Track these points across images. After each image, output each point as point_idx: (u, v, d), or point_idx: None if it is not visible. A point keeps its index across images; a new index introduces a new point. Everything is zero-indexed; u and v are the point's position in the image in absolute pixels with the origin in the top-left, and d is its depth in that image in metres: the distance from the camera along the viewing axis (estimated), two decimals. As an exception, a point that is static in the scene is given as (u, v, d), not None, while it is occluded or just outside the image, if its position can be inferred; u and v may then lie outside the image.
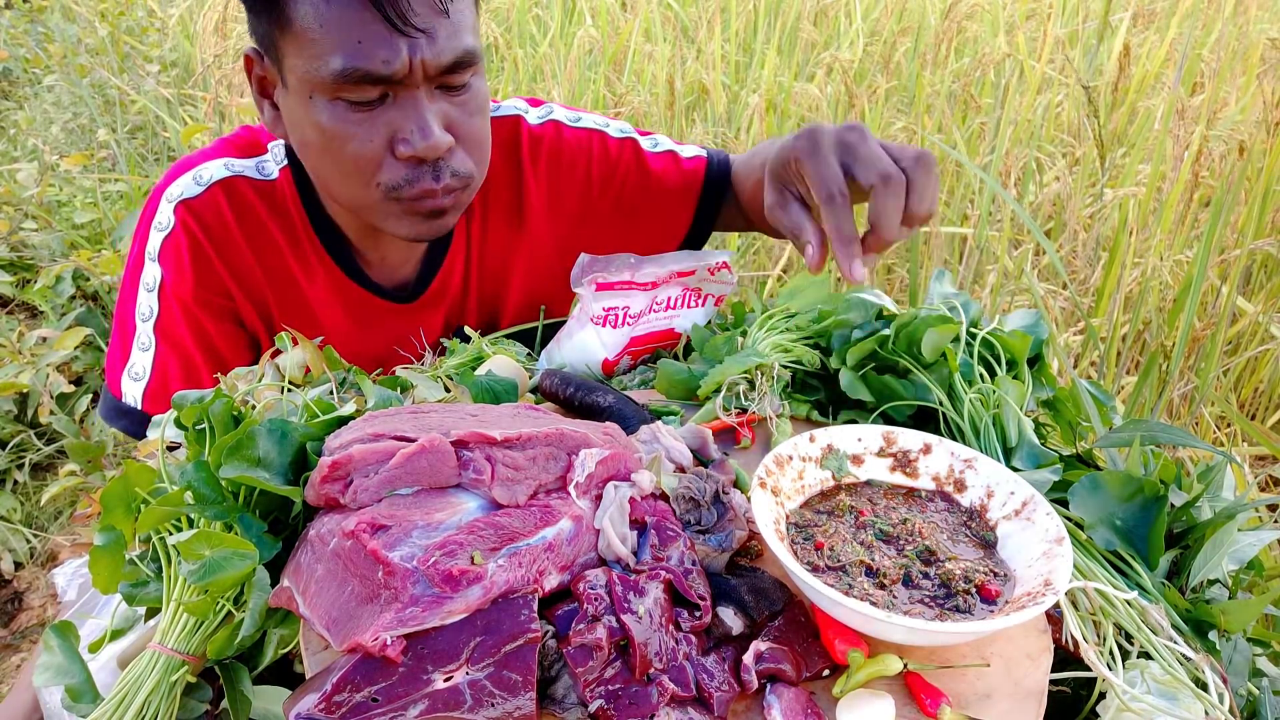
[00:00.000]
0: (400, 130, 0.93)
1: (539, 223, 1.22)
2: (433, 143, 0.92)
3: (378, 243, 1.14)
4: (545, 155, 1.20)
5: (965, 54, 3.19)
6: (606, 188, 1.23)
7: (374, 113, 0.93)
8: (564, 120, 1.23)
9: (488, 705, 0.57)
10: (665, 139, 1.28)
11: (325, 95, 0.92)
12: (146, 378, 1.10)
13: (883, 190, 0.77)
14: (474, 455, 0.69)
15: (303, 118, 0.95)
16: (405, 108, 0.92)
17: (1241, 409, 2.34)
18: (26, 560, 2.17)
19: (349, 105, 0.92)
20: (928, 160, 0.79)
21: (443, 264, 1.18)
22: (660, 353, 1.12)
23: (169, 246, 1.08)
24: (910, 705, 0.64)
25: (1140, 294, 2.19)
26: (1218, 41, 2.92)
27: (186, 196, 1.08)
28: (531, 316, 1.24)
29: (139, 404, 1.10)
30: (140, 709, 0.63)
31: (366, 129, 0.93)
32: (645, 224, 1.26)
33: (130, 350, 1.11)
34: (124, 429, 1.12)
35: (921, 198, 0.78)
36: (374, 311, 1.17)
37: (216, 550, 0.64)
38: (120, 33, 3.89)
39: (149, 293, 1.10)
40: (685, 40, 3.41)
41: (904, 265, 2.68)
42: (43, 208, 2.91)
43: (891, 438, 0.82)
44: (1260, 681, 0.71)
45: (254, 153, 1.12)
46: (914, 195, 0.78)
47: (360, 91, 0.91)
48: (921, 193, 0.78)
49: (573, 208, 1.23)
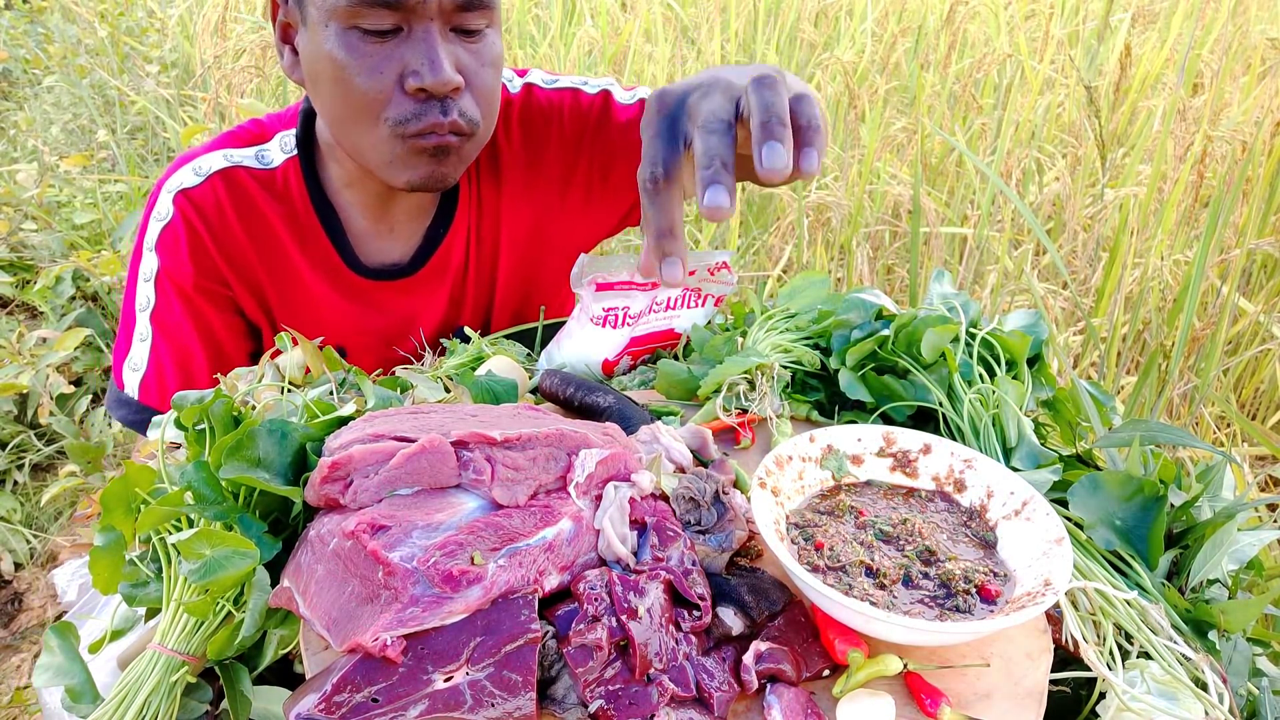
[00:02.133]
0: (411, 64, 0.94)
1: (516, 187, 1.21)
2: (443, 77, 0.93)
3: (386, 212, 1.14)
4: (516, 120, 1.20)
5: (966, 54, 3.19)
6: (580, 144, 1.21)
7: (387, 45, 0.94)
8: (538, 83, 1.22)
9: (488, 705, 0.57)
10: (645, 89, 1.24)
11: (341, 22, 0.93)
12: (143, 368, 1.11)
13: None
14: (474, 455, 0.69)
15: (317, 51, 0.96)
16: (418, 42, 0.94)
17: (1241, 409, 2.35)
18: (26, 561, 2.17)
19: (363, 35, 0.93)
20: (769, 79, 0.58)
21: (445, 237, 1.18)
22: (660, 353, 1.12)
23: (167, 236, 1.09)
24: (910, 705, 0.64)
25: (1140, 294, 2.19)
26: (1218, 42, 2.92)
27: (185, 186, 1.09)
28: (521, 291, 1.24)
29: (136, 394, 1.11)
30: (140, 709, 0.63)
31: (378, 60, 0.94)
32: (620, 182, 1.22)
33: (131, 341, 1.12)
34: (122, 419, 1.13)
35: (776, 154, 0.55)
36: (373, 293, 1.17)
37: (217, 549, 0.64)
38: (120, 33, 3.90)
39: (146, 282, 1.11)
40: (685, 40, 3.41)
41: (904, 265, 2.68)
42: (43, 208, 2.91)
43: (891, 438, 0.82)
44: (1260, 681, 0.71)
45: (256, 142, 1.13)
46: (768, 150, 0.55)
47: (375, 17, 0.92)
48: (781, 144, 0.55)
49: (554, 170, 1.21)
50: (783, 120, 0.56)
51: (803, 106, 0.59)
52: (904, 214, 2.68)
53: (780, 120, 0.56)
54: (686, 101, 0.61)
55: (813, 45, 3.37)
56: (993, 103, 2.91)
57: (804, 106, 0.59)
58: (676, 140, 0.61)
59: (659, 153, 0.61)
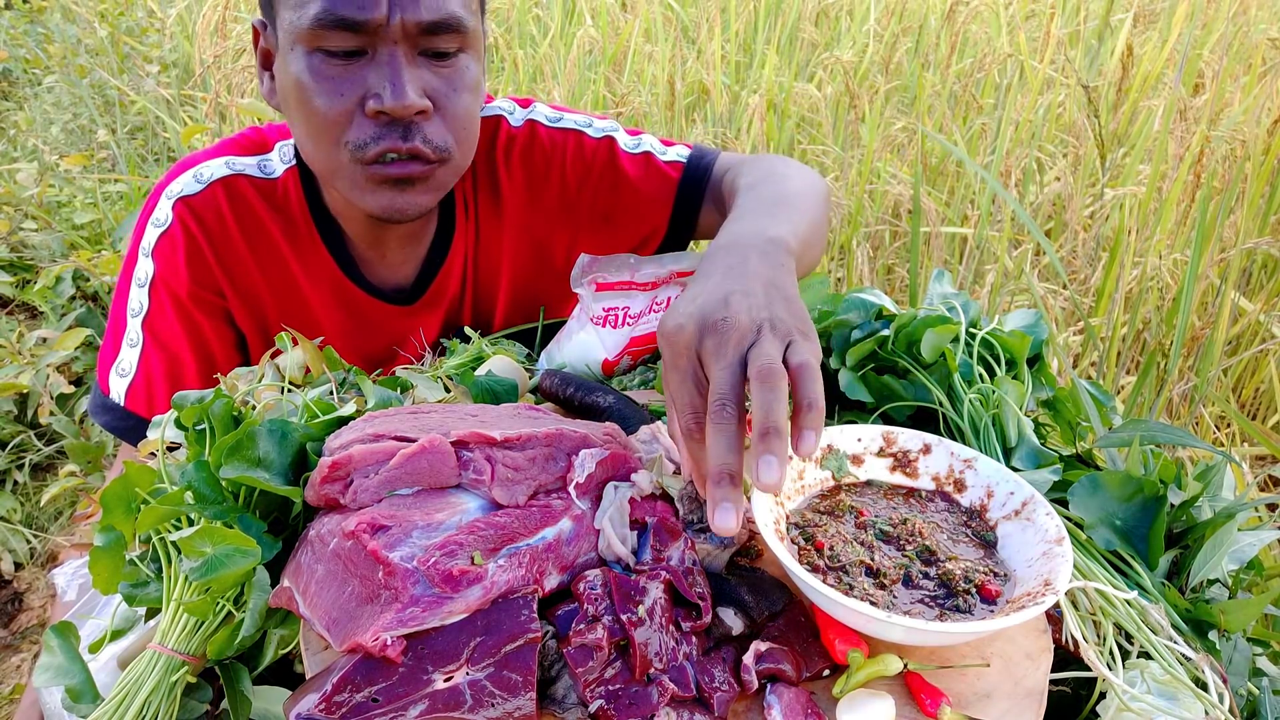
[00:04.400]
0: (373, 86, 0.92)
1: (517, 222, 1.20)
2: (403, 101, 0.91)
3: (379, 238, 1.14)
4: (518, 155, 1.18)
5: (966, 54, 3.19)
6: (582, 188, 1.20)
7: (351, 67, 0.92)
8: (542, 120, 1.20)
9: (488, 705, 0.57)
10: (651, 139, 1.23)
11: (305, 45, 0.92)
12: (132, 374, 1.09)
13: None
14: (474, 455, 0.69)
15: (285, 75, 0.95)
16: (381, 65, 0.92)
17: (1241, 409, 2.35)
18: (26, 560, 2.17)
19: (326, 57, 0.92)
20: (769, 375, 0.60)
21: (442, 266, 1.18)
22: (660, 353, 1.12)
23: (164, 242, 1.08)
24: (910, 705, 0.64)
25: (1140, 294, 2.19)
26: (1219, 42, 2.92)
27: (186, 193, 1.08)
28: (519, 318, 1.23)
29: (123, 400, 1.09)
30: (140, 709, 0.63)
31: (339, 83, 0.93)
32: (621, 227, 1.22)
33: (120, 346, 1.10)
34: (106, 424, 1.12)
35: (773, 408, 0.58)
36: (373, 312, 1.17)
37: (218, 547, 0.64)
38: (120, 33, 3.90)
39: (140, 288, 1.09)
40: (685, 40, 3.41)
41: (904, 265, 2.68)
42: (43, 208, 2.91)
43: (891, 438, 0.82)
44: (1260, 681, 0.71)
45: (258, 151, 1.12)
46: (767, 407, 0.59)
47: (338, 39, 0.91)
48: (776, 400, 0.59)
49: (552, 205, 1.20)
50: (779, 429, 0.58)
51: (805, 386, 0.61)
52: (904, 214, 2.68)
53: (777, 430, 0.58)
54: (699, 350, 0.64)
55: (813, 45, 3.37)
56: (993, 102, 2.91)
57: (806, 386, 0.61)
58: (703, 386, 0.65)
59: (696, 401, 0.64)
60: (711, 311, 0.65)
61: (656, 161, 1.20)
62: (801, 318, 0.66)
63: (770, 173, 1.02)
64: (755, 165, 1.09)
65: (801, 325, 0.65)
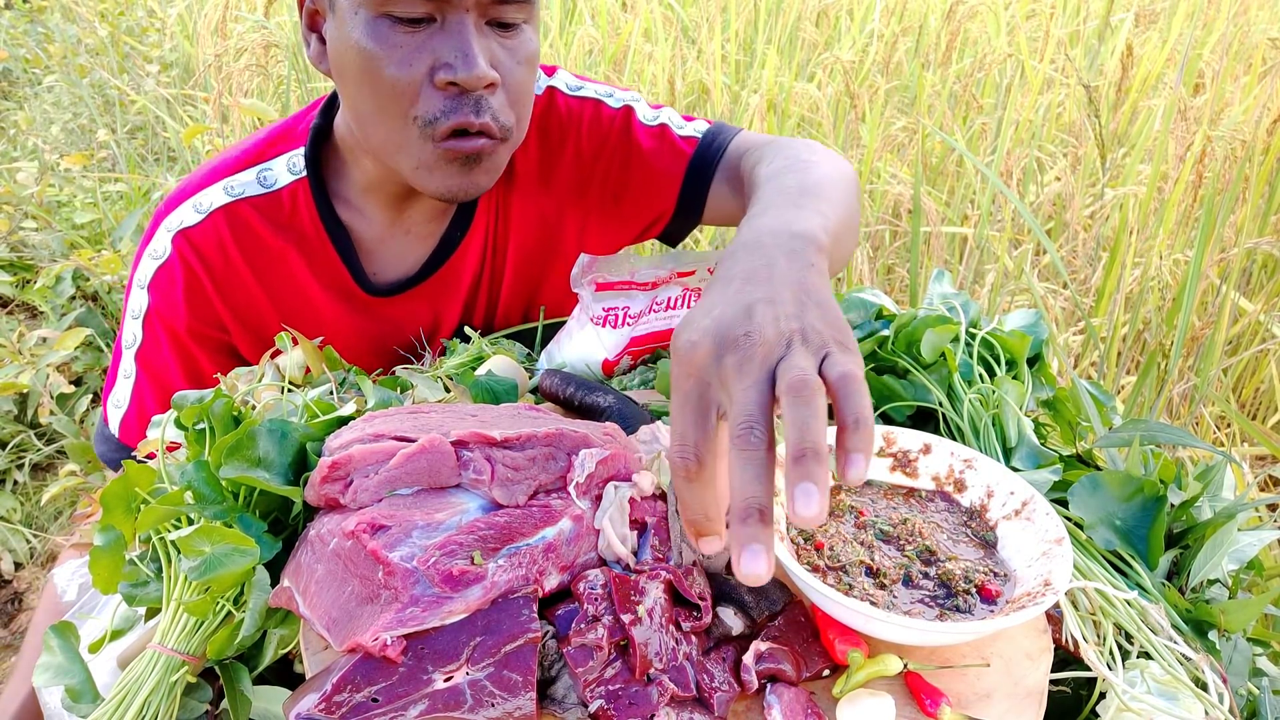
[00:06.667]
0: (443, 56, 0.88)
1: (528, 197, 1.15)
2: (477, 71, 0.87)
3: (404, 214, 1.09)
4: (534, 125, 1.13)
5: (966, 54, 3.19)
6: (597, 160, 1.14)
7: (419, 35, 0.88)
8: (562, 87, 1.15)
9: (488, 705, 0.57)
10: (670, 112, 1.16)
11: (371, 9, 0.88)
12: (125, 407, 1.08)
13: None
14: (474, 455, 0.69)
15: (345, 40, 0.90)
16: (451, 34, 0.88)
17: (1241, 409, 2.35)
18: (26, 560, 2.17)
19: (394, 23, 0.88)
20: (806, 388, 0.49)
21: (460, 243, 1.14)
22: (660, 353, 1.12)
23: (162, 276, 1.05)
24: (910, 705, 0.64)
25: (1140, 293, 2.19)
26: (1219, 42, 2.92)
27: (185, 226, 1.04)
28: (524, 300, 1.21)
29: (117, 432, 1.08)
30: (140, 709, 0.63)
31: (408, 51, 0.88)
32: (629, 207, 1.16)
33: (116, 378, 1.09)
34: (102, 455, 1.10)
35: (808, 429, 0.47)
36: (384, 308, 1.14)
37: (218, 546, 0.64)
38: (120, 33, 3.90)
39: (134, 320, 1.07)
40: (685, 40, 3.41)
41: (904, 265, 2.68)
42: (43, 208, 2.91)
43: (891, 438, 0.82)
44: (1260, 681, 0.71)
45: (256, 161, 1.07)
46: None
47: (407, 4, 0.87)
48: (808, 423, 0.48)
49: (567, 178, 1.15)
50: (819, 451, 0.47)
51: (849, 400, 0.49)
52: (904, 213, 2.68)
53: (816, 452, 0.46)
54: (718, 366, 0.53)
55: (814, 45, 3.37)
56: (993, 102, 2.91)
57: (851, 400, 0.49)
58: (708, 414, 0.53)
59: (689, 432, 0.52)
60: (732, 325, 0.54)
61: (671, 135, 1.14)
62: (839, 327, 0.55)
63: (795, 159, 0.93)
64: (778, 150, 0.98)
65: (839, 335, 0.54)
